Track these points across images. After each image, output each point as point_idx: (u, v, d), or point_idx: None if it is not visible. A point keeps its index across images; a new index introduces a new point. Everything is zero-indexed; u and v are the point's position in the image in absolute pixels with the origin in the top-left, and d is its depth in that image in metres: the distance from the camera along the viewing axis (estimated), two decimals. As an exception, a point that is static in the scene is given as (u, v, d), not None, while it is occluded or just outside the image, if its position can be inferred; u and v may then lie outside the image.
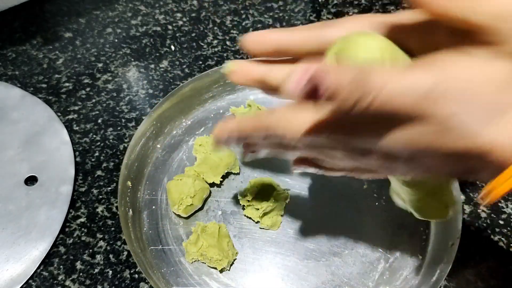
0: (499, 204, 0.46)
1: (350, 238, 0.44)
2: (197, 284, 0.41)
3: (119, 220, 0.42)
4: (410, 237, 0.44)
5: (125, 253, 0.43)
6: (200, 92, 0.53)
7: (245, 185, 0.47)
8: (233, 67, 0.30)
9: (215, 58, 0.60)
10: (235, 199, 0.46)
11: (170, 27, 0.65)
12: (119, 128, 0.53)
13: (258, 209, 0.43)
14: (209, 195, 0.46)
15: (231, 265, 0.42)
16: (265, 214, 0.43)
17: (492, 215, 0.45)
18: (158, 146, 0.50)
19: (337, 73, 0.20)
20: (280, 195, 0.43)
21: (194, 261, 0.42)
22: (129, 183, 0.45)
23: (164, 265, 0.42)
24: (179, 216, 0.45)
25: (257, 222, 0.44)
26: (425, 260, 0.42)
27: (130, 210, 0.44)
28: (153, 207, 0.46)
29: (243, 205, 0.45)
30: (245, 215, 0.45)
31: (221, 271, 0.42)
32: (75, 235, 0.44)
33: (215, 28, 0.64)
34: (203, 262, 0.42)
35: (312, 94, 0.21)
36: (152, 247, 0.43)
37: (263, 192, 0.44)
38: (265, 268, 0.42)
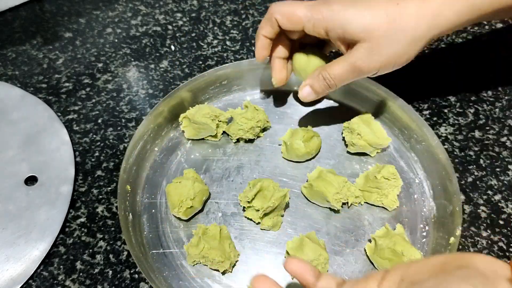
0: (499, 204, 0.46)
1: (351, 237, 0.44)
2: (199, 287, 0.41)
3: (119, 222, 0.41)
4: (410, 234, 0.44)
5: (125, 253, 0.43)
6: (197, 94, 0.53)
7: (245, 186, 0.47)
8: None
9: (215, 58, 0.60)
10: (235, 201, 0.46)
11: (170, 27, 0.65)
12: (119, 128, 0.53)
13: (258, 210, 0.43)
14: (209, 197, 0.46)
15: (233, 266, 0.42)
16: (265, 215, 0.43)
17: (492, 215, 0.45)
18: (156, 149, 0.50)
19: None
20: (280, 195, 0.43)
21: (196, 263, 0.42)
22: (128, 187, 0.45)
23: (166, 269, 0.42)
24: (179, 219, 0.45)
25: (258, 223, 0.44)
26: (427, 253, 0.43)
27: (130, 214, 0.44)
28: (153, 210, 0.46)
29: (243, 207, 0.45)
30: (245, 217, 0.45)
31: (223, 273, 0.41)
32: (75, 235, 0.44)
33: (215, 28, 0.64)
34: (204, 265, 0.42)
35: None
36: (153, 251, 0.43)
37: (263, 193, 0.43)
38: (267, 269, 0.42)
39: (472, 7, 0.37)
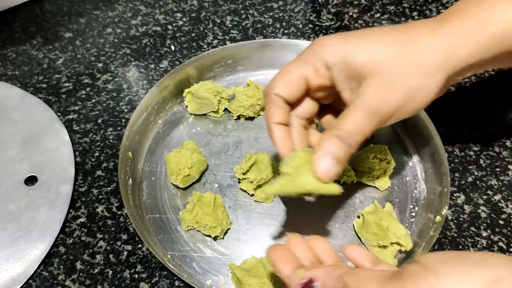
0: (499, 204, 0.46)
1: (341, 213, 0.45)
2: (191, 250, 0.43)
3: (119, 220, 0.42)
4: (399, 214, 0.45)
5: (125, 253, 0.43)
6: (202, 72, 0.55)
7: (242, 160, 0.48)
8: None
9: (215, 58, 0.60)
10: (232, 174, 0.48)
11: (170, 27, 0.65)
12: (119, 128, 0.53)
13: (252, 181, 0.44)
14: (207, 168, 0.48)
15: (225, 234, 0.43)
16: (259, 186, 0.45)
17: (492, 215, 0.45)
18: (160, 121, 0.52)
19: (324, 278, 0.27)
20: (274, 168, 0.44)
21: (190, 229, 0.43)
22: (129, 154, 0.47)
23: (160, 232, 0.44)
24: (176, 187, 0.46)
25: (252, 195, 0.46)
26: (414, 232, 0.44)
27: (130, 179, 0.46)
28: (152, 178, 0.48)
29: (239, 179, 0.46)
30: (240, 189, 0.46)
31: (215, 238, 0.43)
32: (75, 235, 0.44)
33: (215, 28, 0.64)
34: (198, 230, 0.43)
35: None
36: (150, 215, 0.45)
37: (258, 166, 0.45)
38: (258, 238, 0.44)
39: (495, 39, 0.31)
